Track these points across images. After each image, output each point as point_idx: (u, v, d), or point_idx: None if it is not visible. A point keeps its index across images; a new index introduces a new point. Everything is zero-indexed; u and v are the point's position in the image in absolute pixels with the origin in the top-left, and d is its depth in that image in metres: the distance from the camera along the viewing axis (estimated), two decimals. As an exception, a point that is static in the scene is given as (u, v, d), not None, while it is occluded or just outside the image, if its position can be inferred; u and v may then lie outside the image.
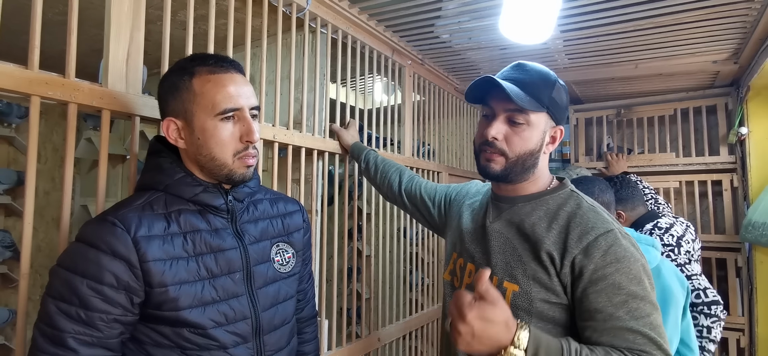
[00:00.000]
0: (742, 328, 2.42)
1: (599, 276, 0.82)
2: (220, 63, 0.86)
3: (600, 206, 0.93)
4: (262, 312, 0.90)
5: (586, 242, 0.84)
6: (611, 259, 0.82)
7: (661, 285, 1.26)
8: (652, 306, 0.82)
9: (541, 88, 0.90)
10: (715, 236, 2.53)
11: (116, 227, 0.77)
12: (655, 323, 0.81)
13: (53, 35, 1.50)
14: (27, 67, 0.86)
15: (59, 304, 0.74)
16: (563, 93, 0.94)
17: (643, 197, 1.84)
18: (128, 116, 1.03)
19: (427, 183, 1.36)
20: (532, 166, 0.93)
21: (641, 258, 0.85)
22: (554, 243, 0.87)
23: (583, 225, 0.86)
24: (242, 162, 0.87)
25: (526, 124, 0.90)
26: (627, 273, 0.81)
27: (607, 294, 0.81)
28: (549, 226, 0.89)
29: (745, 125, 2.36)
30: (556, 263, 0.86)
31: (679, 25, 1.74)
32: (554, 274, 0.86)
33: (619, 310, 0.80)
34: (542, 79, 0.91)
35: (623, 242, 0.84)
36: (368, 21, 1.78)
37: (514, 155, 0.91)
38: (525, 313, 0.88)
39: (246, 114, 0.86)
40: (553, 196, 0.94)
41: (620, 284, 0.81)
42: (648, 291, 0.82)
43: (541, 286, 0.87)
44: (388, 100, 2.13)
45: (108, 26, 0.99)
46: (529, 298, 0.87)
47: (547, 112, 0.91)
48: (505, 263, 0.92)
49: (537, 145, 0.92)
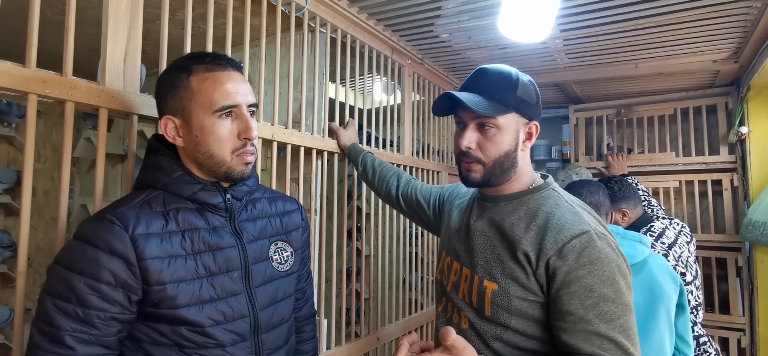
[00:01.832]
0: (743, 328, 2.42)
1: (572, 278, 0.82)
2: (218, 61, 0.87)
3: (582, 206, 0.93)
4: (261, 311, 0.90)
5: (561, 243, 0.84)
6: (584, 261, 0.82)
7: (648, 280, 1.26)
8: (624, 307, 0.82)
9: (504, 90, 0.91)
10: (716, 236, 2.53)
11: (114, 224, 0.77)
12: (626, 325, 0.81)
13: (52, 35, 1.50)
14: (24, 65, 0.86)
15: (57, 302, 0.74)
16: (530, 88, 0.94)
17: (640, 199, 1.85)
18: (126, 114, 1.03)
19: (422, 185, 1.37)
20: (512, 166, 0.94)
21: (617, 259, 0.85)
22: (531, 243, 0.88)
23: (558, 226, 0.86)
24: (240, 159, 0.87)
25: (496, 128, 0.91)
26: (600, 274, 0.82)
27: (579, 296, 0.82)
28: (527, 226, 0.90)
29: (745, 125, 2.36)
30: (532, 262, 0.87)
31: (679, 25, 1.74)
32: (531, 273, 0.87)
33: (590, 313, 0.81)
34: (505, 81, 0.92)
35: (598, 243, 0.84)
36: (368, 20, 1.78)
37: (490, 161, 0.92)
38: (504, 311, 0.89)
39: (244, 111, 0.86)
40: (533, 195, 0.94)
41: (592, 286, 0.81)
42: (622, 293, 0.82)
43: (518, 284, 0.88)
44: (387, 99, 2.13)
45: (105, 25, 0.99)
46: (508, 296, 0.89)
47: (516, 112, 0.92)
48: (486, 262, 0.93)
49: (511, 146, 0.92)
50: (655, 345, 1.20)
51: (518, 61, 2.26)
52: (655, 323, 1.21)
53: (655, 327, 1.21)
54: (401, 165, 2.02)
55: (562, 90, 2.73)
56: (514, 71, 0.94)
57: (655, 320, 1.21)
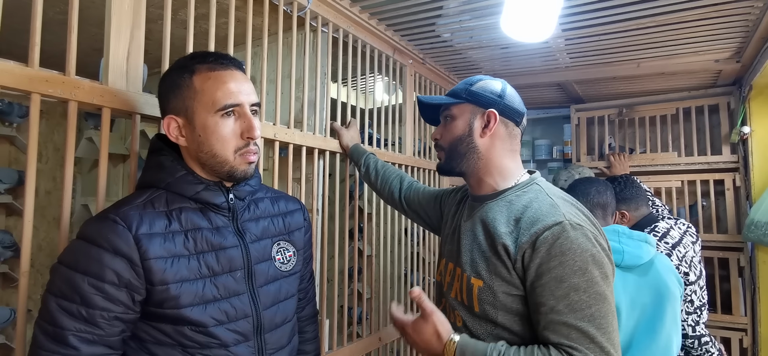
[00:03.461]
0: (745, 328, 2.41)
1: (544, 269, 0.84)
2: (220, 60, 0.87)
3: (564, 198, 0.94)
4: (264, 311, 0.90)
5: (535, 236, 0.86)
6: (556, 252, 0.83)
7: (655, 280, 1.26)
8: (597, 297, 0.82)
9: (459, 88, 1.04)
10: (718, 236, 2.52)
11: (118, 224, 0.77)
12: (597, 315, 0.81)
13: (54, 34, 1.50)
14: (27, 64, 0.86)
15: (61, 301, 0.74)
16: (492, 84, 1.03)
17: (646, 199, 1.84)
18: (129, 114, 1.02)
19: (424, 188, 1.40)
20: (469, 151, 1.01)
21: (592, 249, 0.84)
22: (508, 236, 0.90)
23: (533, 218, 0.88)
24: (244, 159, 0.87)
25: (451, 117, 1.04)
26: (571, 265, 0.83)
27: (550, 287, 0.83)
28: (507, 221, 0.92)
29: (747, 124, 2.35)
30: (511, 255, 0.88)
31: (681, 24, 1.74)
32: (511, 267, 0.89)
33: (560, 303, 0.82)
34: (464, 82, 1.05)
35: (571, 233, 0.84)
36: (369, 20, 1.78)
37: (447, 144, 1.04)
38: (491, 307, 0.91)
39: (246, 110, 0.86)
40: (516, 191, 0.97)
41: (562, 276, 0.83)
42: (595, 282, 0.83)
43: (501, 280, 0.90)
44: (389, 99, 2.12)
45: (108, 24, 0.99)
46: (493, 292, 0.91)
47: (468, 102, 1.02)
48: (472, 260, 0.96)
49: (464, 131, 1.01)
50: (661, 345, 1.20)
51: (519, 61, 2.25)
52: (662, 323, 1.21)
53: (662, 327, 1.21)
54: (402, 165, 2.02)
55: (563, 90, 2.72)
56: (479, 77, 1.06)
57: (662, 320, 1.21)
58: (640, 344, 1.22)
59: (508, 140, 1.01)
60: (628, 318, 1.23)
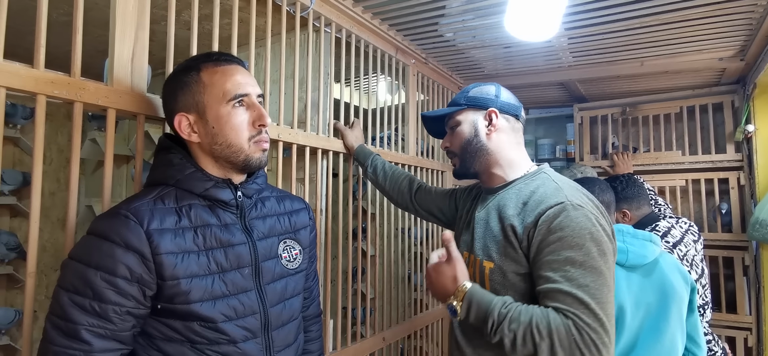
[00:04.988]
0: (750, 327, 2.40)
1: (544, 244, 0.91)
2: (224, 57, 0.90)
3: (569, 184, 1.00)
4: (271, 308, 0.91)
5: (538, 215, 0.93)
6: (555, 228, 0.90)
7: (660, 280, 1.25)
8: (592, 271, 0.87)
9: (458, 97, 1.14)
10: (722, 235, 2.51)
11: (129, 220, 0.78)
12: (591, 285, 0.86)
13: (58, 37, 1.50)
14: (33, 66, 0.86)
15: (73, 296, 0.74)
16: (486, 87, 1.12)
17: (648, 198, 1.83)
18: (133, 115, 1.03)
19: (434, 187, 1.47)
20: (479, 151, 1.09)
21: (592, 228, 0.90)
22: (516, 218, 0.98)
23: (538, 200, 0.95)
24: (258, 146, 0.90)
25: (457, 125, 1.13)
26: (569, 240, 0.88)
27: (549, 261, 0.90)
28: (516, 204, 1.00)
29: (751, 123, 2.34)
30: (518, 236, 0.96)
31: (684, 22, 1.73)
32: (517, 246, 0.96)
33: (557, 273, 0.88)
34: (461, 92, 1.15)
35: (572, 212, 0.90)
36: (372, 20, 1.78)
37: (459, 149, 1.12)
38: (501, 287, 0.98)
39: (254, 100, 0.90)
40: (525, 180, 1.05)
41: (560, 250, 0.89)
42: (592, 258, 0.88)
43: (511, 260, 0.97)
44: (392, 100, 2.12)
45: (113, 25, 0.99)
46: (503, 272, 0.98)
47: (468, 107, 1.11)
48: (484, 246, 1.04)
49: (470, 133, 1.10)
50: (666, 346, 1.19)
51: (522, 60, 2.25)
52: (666, 323, 1.20)
53: (666, 328, 1.20)
54: (406, 164, 2.01)
55: (566, 89, 2.72)
56: (473, 85, 1.14)
57: (667, 320, 1.20)
58: (644, 344, 1.21)
59: (512, 134, 1.10)
60: (633, 318, 1.22)
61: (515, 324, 0.87)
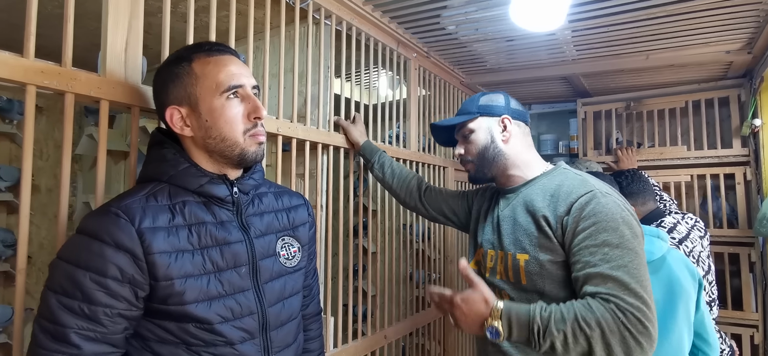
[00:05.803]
0: (756, 324, 2.37)
1: (579, 230, 0.95)
2: (216, 47, 0.86)
3: (589, 176, 1.05)
4: (269, 308, 0.88)
5: (570, 204, 0.97)
6: (588, 213, 0.94)
7: (667, 276, 1.23)
8: (629, 252, 0.90)
9: (469, 105, 1.19)
10: (728, 231, 2.48)
11: (120, 218, 0.74)
12: (631, 266, 0.89)
13: (52, 30, 1.47)
14: (22, 55, 0.83)
15: (61, 298, 0.71)
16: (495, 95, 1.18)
17: (653, 194, 1.81)
18: (128, 106, 1.00)
19: (443, 188, 1.49)
20: (496, 156, 1.14)
21: (622, 212, 0.94)
22: (547, 208, 1.01)
23: (568, 191, 1.00)
24: (253, 140, 0.86)
25: (470, 132, 1.17)
26: (603, 224, 0.92)
27: (585, 245, 0.93)
28: (544, 197, 1.04)
29: (758, 117, 2.31)
30: (551, 226, 1.00)
31: (691, 14, 1.70)
32: (551, 235, 0.99)
33: (594, 257, 0.91)
34: (471, 100, 1.20)
35: (602, 199, 0.95)
36: (373, 12, 1.75)
37: (475, 157, 1.17)
38: (538, 277, 1.01)
39: (249, 92, 0.86)
40: (546, 176, 1.10)
41: (595, 234, 0.92)
42: (627, 239, 0.91)
43: (545, 250, 1.00)
44: (393, 95, 2.09)
45: (106, 13, 0.96)
46: (539, 262, 1.01)
47: (481, 115, 1.16)
48: (514, 240, 1.07)
49: (486, 140, 1.15)
50: (674, 343, 1.16)
51: (525, 54, 2.22)
52: (674, 320, 1.17)
53: (674, 325, 1.17)
54: (407, 160, 1.99)
55: (569, 83, 2.68)
56: (480, 94, 1.19)
57: (674, 317, 1.17)
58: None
59: (523, 137, 1.16)
60: None
61: (561, 323, 0.88)
